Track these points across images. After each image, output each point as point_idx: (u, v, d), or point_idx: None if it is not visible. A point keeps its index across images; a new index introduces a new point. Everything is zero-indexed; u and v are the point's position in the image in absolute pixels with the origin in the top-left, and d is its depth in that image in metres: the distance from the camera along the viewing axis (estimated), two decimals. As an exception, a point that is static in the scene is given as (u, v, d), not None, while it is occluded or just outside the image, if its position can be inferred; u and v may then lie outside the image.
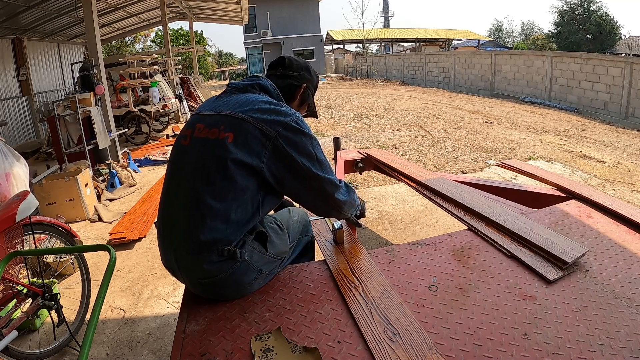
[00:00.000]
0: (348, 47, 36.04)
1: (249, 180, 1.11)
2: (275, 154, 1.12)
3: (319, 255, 1.47)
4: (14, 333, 1.65)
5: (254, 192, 1.13)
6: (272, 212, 1.49)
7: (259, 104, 1.17)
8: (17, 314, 1.73)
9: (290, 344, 0.96)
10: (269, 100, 1.21)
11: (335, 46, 34.14)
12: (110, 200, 4.27)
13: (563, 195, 1.84)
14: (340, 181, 1.26)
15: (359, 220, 1.54)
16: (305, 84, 1.37)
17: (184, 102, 9.65)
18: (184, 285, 1.26)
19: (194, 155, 1.15)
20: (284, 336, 0.99)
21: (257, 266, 1.16)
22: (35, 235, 1.91)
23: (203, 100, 11.24)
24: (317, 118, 1.55)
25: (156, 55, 10.90)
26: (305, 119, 1.28)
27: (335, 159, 2.87)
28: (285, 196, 1.28)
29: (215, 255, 1.09)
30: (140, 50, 22.44)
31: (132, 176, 4.85)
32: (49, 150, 5.99)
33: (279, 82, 1.33)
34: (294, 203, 1.83)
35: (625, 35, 26.62)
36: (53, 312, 1.81)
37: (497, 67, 12.88)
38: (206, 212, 1.09)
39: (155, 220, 1.26)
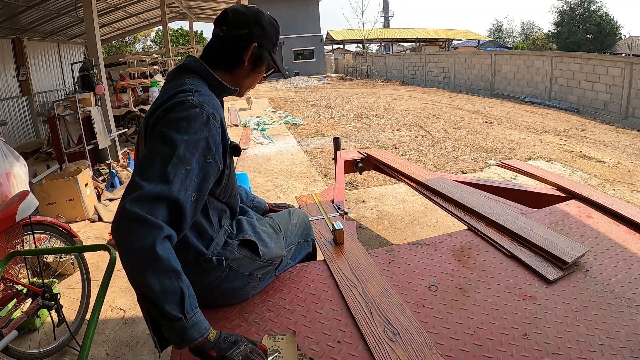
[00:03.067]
0: (348, 47, 36.07)
1: None
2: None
3: (319, 255, 1.47)
4: (14, 333, 1.65)
5: None
6: (272, 213, 1.46)
7: (165, 94, 1.00)
8: (17, 314, 1.73)
9: (299, 352, 0.95)
10: (179, 86, 1.00)
11: (335, 46, 34.14)
12: (110, 200, 4.27)
13: (563, 195, 1.84)
14: (173, 204, 0.86)
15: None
16: (255, 42, 1.08)
17: (184, 102, 9.64)
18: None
19: None
20: (295, 343, 0.97)
21: (247, 271, 1.13)
22: (35, 235, 1.91)
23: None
24: (284, 76, 1.32)
25: (156, 55, 10.91)
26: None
27: (335, 159, 2.88)
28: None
29: (196, 266, 1.06)
30: (140, 50, 22.45)
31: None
32: (49, 150, 5.99)
33: (222, 45, 1.09)
34: (295, 205, 1.84)
35: (625, 35, 26.63)
36: (53, 312, 1.81)
37: (497, 67, 12.88)
38: None
39: None
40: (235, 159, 1.15)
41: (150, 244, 0.79)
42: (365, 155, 2.77)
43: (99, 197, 4.20)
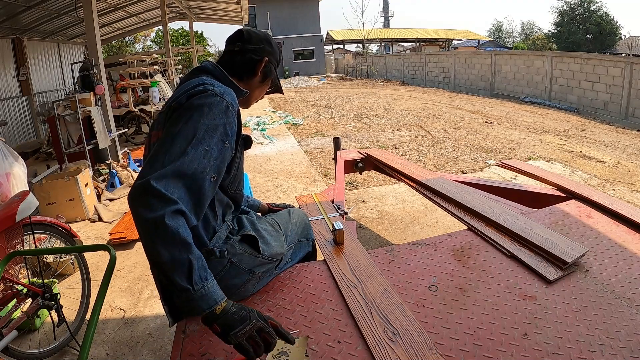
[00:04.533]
0: (348, 47, 36.09)
1: None
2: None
3: (319, 255, 1.47)
4: (14, 333, 1.65)
5: None
6: (272, 213, 1.48)
7: (183, 87, 1.08)
8: (17, 314, 1.73)
9: (307, 357, 0.94)
10: (200, 81, 1.08)
11: (335, 46, 34.15)
12: (110, 200, 4.27)
13: (563, 195, 1.84)
14: (190, 181, 0.89)
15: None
16: (266, 57, 1.24)
17: (184, 102, 9.64)
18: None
19: None
20: (305, 347, 0.96)
21: (248, 268, 1.14)
22: (35, 235, 1.91)
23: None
24: (282, 93, 1.43)
25: (156, 55, 10.88)
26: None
27: (335, 159, 2.88)
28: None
29: None
30: (140, 50, 22.44)
31: (132, 176, 4.85)
32: (49, 150, 5.99)
33: (237, 57, 1.21)
34: (295, 204, 1.84)
35: (625, 35, 26.64)
36: (53, 312, 1.81)
37: (497, 67, 12.88)
38: None
39: None
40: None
41: (161, 215, 0.82)
42: (365, 155, 2.77)
43: (99, 197, 4.20)
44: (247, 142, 1.16)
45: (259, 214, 1.52)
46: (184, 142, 0.92)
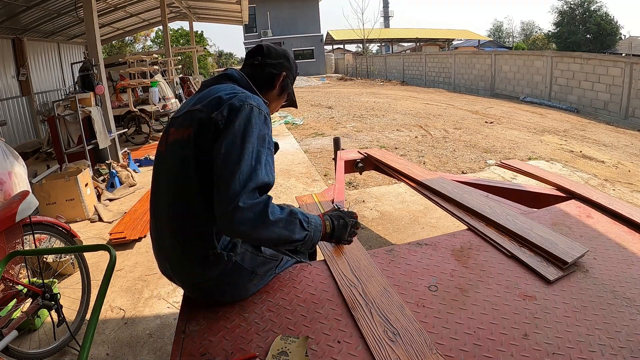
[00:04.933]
0: (348, 47, 36.07)
1: None
2: (217, 136, 1.06)
3: (319, 255, 1.47)
4: (14, 333, 1.65)
5: None
6: None
7: (218, 92, 1.13)
8: (17, 314, 1.73)
9: (307, 357, 0.94)
10: (231, 88, 1.16)
11: (335, 46, 34.13)
12: (110, 200, 4.27)
13: (563, 195, 1.84)
14: (263, 188, 1.02)
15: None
16: (284, 72, 1.32)
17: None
18: (183, 286, 1.26)
19: (169, 161, 1.14)
20: (305, 347, 0.97)
21: (251, 267, 1.15)
22: (35, 235, 1.91)
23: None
24: (296, 107, 1.51)
25: (156, 55, 10.88)
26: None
27: (335, 159, 2.88)
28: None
29: (203, 259, 1.09)
30: (140, 50, 22.44)
31: (132, 176, 4.85)
32: (49, 150, 5.99)
33: (257, 71, 1.29)
34: (295, 204, 1.84)
35: (625, 35, 26.63)
36: (53, 312, 1.81)
37: (497, 67, 12.88)
38: (187, 218, 1.08)
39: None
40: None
41: (265, 219, 1.00)
42: (365, 155, 2.77)
43: (99, 197, 4.20)
44: (276, 148, 1.21)
45: None
46: (249, 158, 1.01)
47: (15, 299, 1.76)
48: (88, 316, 2.11)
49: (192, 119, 1.10)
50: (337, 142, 3.05)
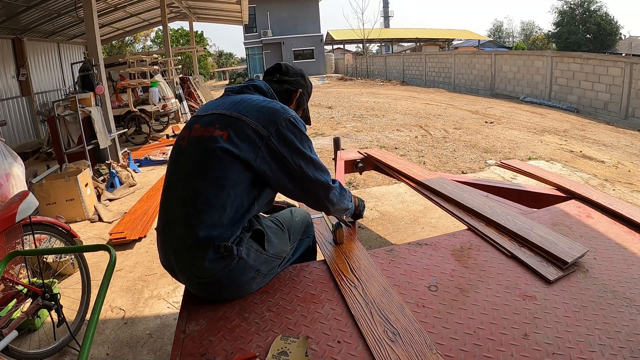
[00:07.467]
0: (348, 47, 36.06)
1: (244, 175, 1.13)
2: (269, 153, 1.15)
3: (319, 255, 1.47)
4: (14, 333, 1.65)
5: (248, 186, 1.14)
6: (273, 212, 1.51)
7: (254, 102, 1.20)
8: (17, 314, 1.73)
9: (307, 357, 0.94)
10: (263, 99, 1.24)
11: (335, 46, 34.13)
12: (110, 200, 4.27)
13: (563, 195, 1.84)
14: (334, 181, 1.29)
15: (354, 221, 1.61)
16: (300, 89, 1.42)
17: (184, 102, 9.65)
18: (184, 286, 1.27)
19: (191, 154, 1.17)
20: (305, 347, 0.97)
21: (255, 265, 1.16)
22: (35, 235, 1.90)
23: (203, 100, 11.25)
24: (310, 125, 1.58)
25: (156, 55, 10.87)
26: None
27: (335, 159, 2.87)
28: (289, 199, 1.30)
29: (212, 252, 1.09)
30: (140, 50, 22.45)
31: (132, 176, 4.85)
32: (49, 150, 5.98)
33: (276, 86, 1.38)
34: (296, 204, 1.84)
35: (625, 35, 26.63)
36: (53, 312, 1.81)
37: (497, 67, 12.87)
38: (203, 209, 1.10)
39: (155, 225, 1.28)
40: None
41: (344, 192, 1.36)
42: (365, 155, 2.77)
43: (99, 197, 4.20)
44: None
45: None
46: (315, 164, 1.21)
47: (15, 299, 1.76)
48: (88, 316, 2.11)
49: (225, 123, 1.16)
50: (337, 142, 3.05)
